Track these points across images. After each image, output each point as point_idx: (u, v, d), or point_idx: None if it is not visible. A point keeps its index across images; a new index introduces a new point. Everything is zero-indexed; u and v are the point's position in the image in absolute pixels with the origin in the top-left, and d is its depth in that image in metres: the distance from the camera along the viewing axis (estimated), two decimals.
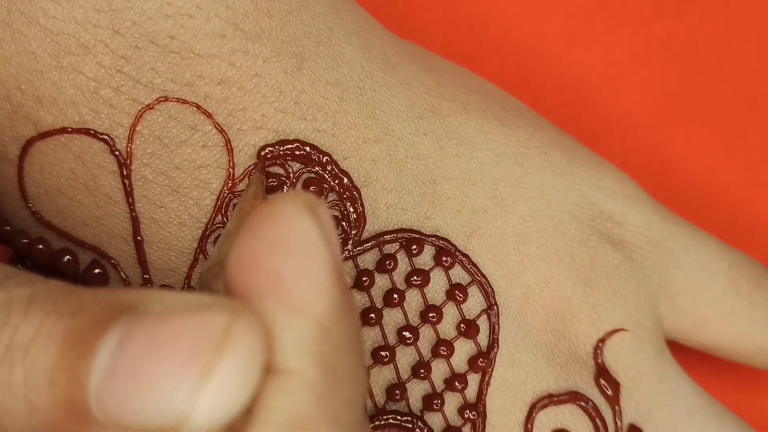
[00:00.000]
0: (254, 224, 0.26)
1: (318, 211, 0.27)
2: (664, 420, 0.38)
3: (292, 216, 0.26)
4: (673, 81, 0.46)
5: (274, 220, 0.26)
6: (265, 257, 0.26)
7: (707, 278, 0.40)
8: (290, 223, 0.26)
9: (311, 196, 0.27)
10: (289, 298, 0.26)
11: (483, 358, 0.36)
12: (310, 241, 0.26)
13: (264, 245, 0.26)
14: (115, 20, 0.33)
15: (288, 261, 0.26)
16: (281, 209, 0.26)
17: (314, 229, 0.26)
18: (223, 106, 0.34)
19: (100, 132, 0.33)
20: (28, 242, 0.35)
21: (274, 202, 0.27)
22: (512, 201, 0.37)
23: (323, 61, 0.35)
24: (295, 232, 0.26)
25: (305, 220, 0.26)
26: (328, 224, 0.27)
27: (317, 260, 0.26)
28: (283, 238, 0.26)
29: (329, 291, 0.26)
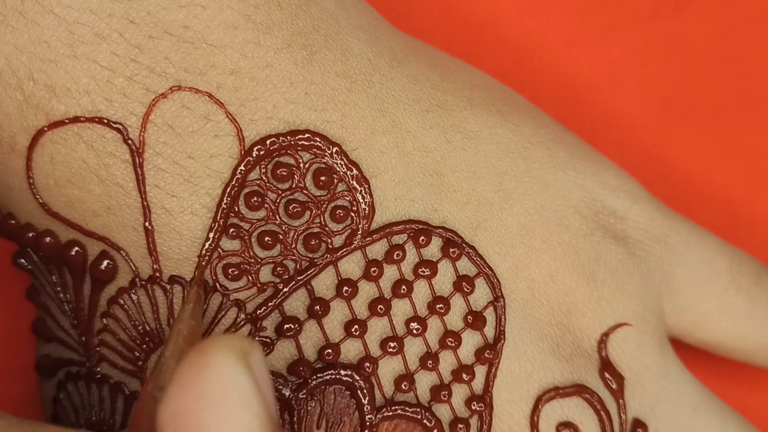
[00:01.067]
0: (186, 375, 0.27)
1: (251, 359, 0.27)
2: (668, 415, 0.38)
3: (224, 366, 0.27)
4: (671, 81, 0.46)
5: (206, 371, 0.27)
6: (197, 413, 0.26)
7: (708, 275, 0.40)
8: (221, 374, 0.27)
9: (244, 341, 0.28)
10: None
11: (490, 349, 0.36)
12: (243, 396, 0.27)
13: (196, 400, 0.26)
14: (130, 10, 0.33)
15: (219, 415, 0.26)
16: (214, 359, 0.27)
17: (247, 382, 0.27)
18: (235, 96, 0.34)
19: (113, 121, 0.33)
20: (35, 235, 0.35)
21: (206, 349, 0.27)
22: (517, 194, 0.37)
23: (332, 54, 0.35)
24: (226, 384, 0.27)
25: (238, 372, 0.27)
26: (262, 372, 0.28)
27: (249, 414, 0.27)
28: (212, 392, 0.26)
29: None
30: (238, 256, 0.34)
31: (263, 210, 0.34)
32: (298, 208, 0.34)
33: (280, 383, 0.34)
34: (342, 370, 0.35)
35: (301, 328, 0.34)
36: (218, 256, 0.34)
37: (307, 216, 0.35)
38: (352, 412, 0.35)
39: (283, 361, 0.35)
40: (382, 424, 0.35)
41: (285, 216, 0.34)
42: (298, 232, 0.35)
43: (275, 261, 0.34)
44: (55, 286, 0.35)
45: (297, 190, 0.34)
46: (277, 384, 0.34)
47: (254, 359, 0.27)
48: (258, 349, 0.28)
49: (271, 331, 0.34)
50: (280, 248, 0.34)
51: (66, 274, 0.35)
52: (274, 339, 0.34)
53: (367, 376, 0.35)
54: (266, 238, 0.34)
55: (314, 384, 0.34)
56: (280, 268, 0.34)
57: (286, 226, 0.34)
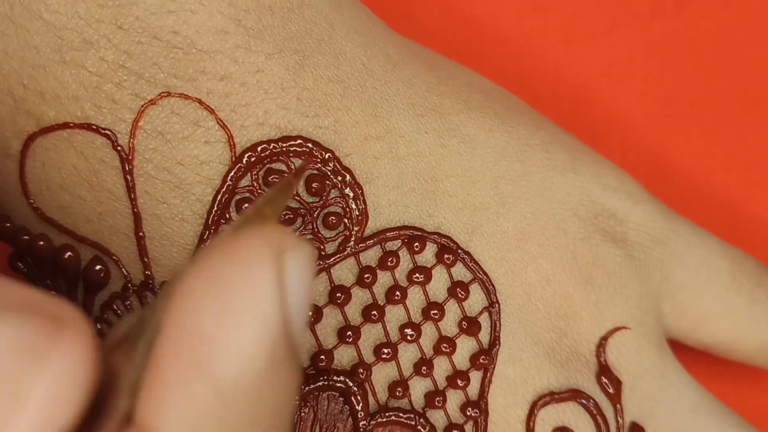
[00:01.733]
0: (206, 255, 0.23)
1: (290, 257, 0.23)
2: (667, 417, 0.38)
3: (249, 257, 0.23)
4: (672, 80, 0.46)
5: (227, 255, 0.23)
6: (196, 295, 0.23)
7: (708, 276, 0.40)
8: (242, 265, 0.23)
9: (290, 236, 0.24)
10: (197, 352, 0.23)
11: (485, 355, 0.36)
12: (255, 293, 0.23)
13: (202, 281, 0.23)
14: (119, 15, 0.33)
15: (217, 308, 0.23)
16: (241, 245, 0.23)
17: (268, 281, 0.23)
18: (226, 102, 0.34)
19: (102, 127, 0.33)
20: (29, 239, 0.35)
21: (241, 233, 0.24)
22: (514, 199, 0.37)
23: (325, 59, 0.35)
24: (242, 277, 0.23)
25: (262, 265, 0.23)
26: (300, 274, 0.24)
27: (252, 318, 0.23)
28: (225, 281, 0.23)
29: (251, 358, 0.23)
30: None
31: None
32: (290, 215, 0.34)
33: None
34: (335, 377, 0.34)
35: None
36: None
37: (299, 222, 0.34)
38: (346, 419, 0.35)
39: None
40: (375, 430, 0.35)
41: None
42: None
43: None
44: (49, 290, 0.35)
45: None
46: None
47: (294, 259, 0.23)
48: (305, 252, 0.24)
49: None
50: None
51: (59, 278, 0.35)
52: None
53: (360, 382, 0.35)
54: None
55: (307, 390, 0.34)
56: None
57: None
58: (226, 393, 0.23)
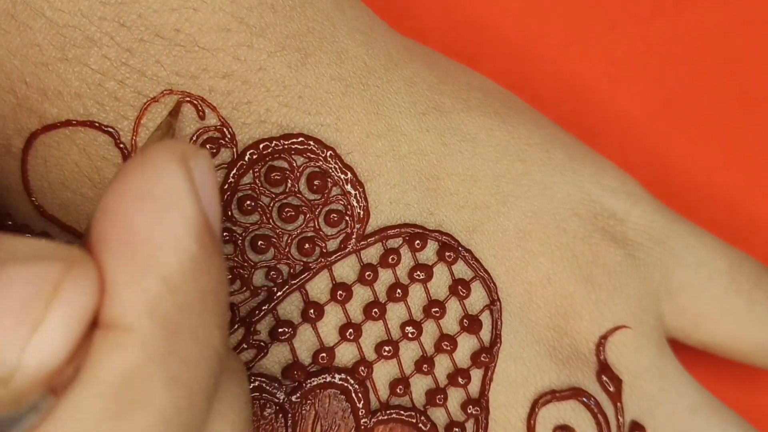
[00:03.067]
0: (123, 173, 0.26)
1: (193, 162, 0.27)
2: (666, 416, 0.38)
3: (161, 167, 0.26)
4: (672, 81, 0.46)
5: (140, 169, 0.26)
6: (124, 208, 0.26)
7: (708, 276, 0.40)
8: (156, 174, 0.26)
9: (189, 145, 0.27)
10: (139, 252, 0.26)
11: (486, 353, 0.36)
12: (174, 194, 0.26)
13: (126, 196, 0.26)
14: (121, 13, 0.33)
15: (144, 214, 0.26)
16: (151, 158, 0.26)
17: (181, 181, 0.26)
18: (228, 100, 0.34)
19: (104, 124, 0.33)
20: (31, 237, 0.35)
21: (147, 150, 0.27)
22: (514, 197, 0.37)
23: (327, 57, 0.35)
24: (159, 184, 0.26)
25: (173, 171, 0.26)
26: (205, 178, 0.27)
27: (177, 214, 0.26)
28: (144, 190, 0.26)
29: (184, 248, 0.26)
30: (231, 260, 0.34)
31: (256, 214, 0.34)
32: (291, 212, 0.34)
33: (275, 387, 0.34)
34: (336, 374, 0.35)
35: (295, 332, 0.34)
36: None
37: (300, 220, 0.34)
38: (347, 416, 0.35)
39: (277, 365, 0.34)
40: (377, 428, 0.35)
41: (278, 220, 0.34)
42: (292, 236, 0.34)
43: (269, 265, 0.34)
44: None
45: (291, 194, 0.34)
46: (272, 387, 0.34)
47: (198, 164, 0.27)
48: (204, 157, 0.27)
49: (265, 334, 0.34)
50: (274, 252, 0.34)
51: None
52: (268, 343, 0.34)
53: (361, 379, 0.35)
54: (259, 242, 0.34)
55: (309, 388, 0.34)
56: (274, 272, 0.34)
57: (280, 230, 0.34)
58: (172, 280, 0.26)
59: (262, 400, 0.34)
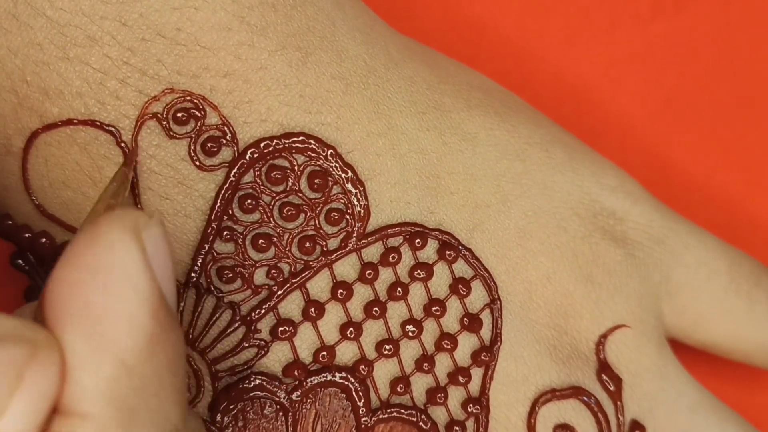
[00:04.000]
0: (76, 245, 0.26)
1: (146, 234, 0.27)
2: (666, 416, 0.38)
3: (114, 241, 0.26)
4: (672, 81, 0.46)
5: (93, 244, 0.26)
6: (77, 285, 0.26)
7: (707, 276, 0.40)
8: (109, 249, 0.26)
9: (141, 214, 0.27)
10: (94, 332, 0.26)
11: (486, 352, 0.36)
12: (127, 271, 0.26)
13: (78, 272, 0.26)
14: (122, 12, 0.33)
15: (98, 291, 0.26)
16: (103, 232, 0.26)
17: (134, 256, 0.26)
18: (229, 99, 0.34)
19: (106, 123, 0.33)
20: (31, 236, 0.35)
21: (100, 223, 0.27)
22: (515, 196, 0.37)
23: (327, 56, 0.35)
24: (111, 259, 0.26)
25: (127, 246, 0.26)
26: (158, 249, 0.27)
27: (131, 291, 0.26)
28: (98, 266, 0.26)
29: (140, 326, 0.26)
30: (232, 259, 0.34)
31: (257, 213, 0.34)
32: (292, 211, 0.34)
33: (276, 385, 0.34)
34: (337, 373, 0.35)
35: (295, 331, 0.34)
36: (212, 259, 0.34)
37: (301, 219, 0.34)
38: (348, 415, 0.35)
39: (278, 364, 0.34)
40: (377, 427, 0.35)
41: (279, 219, 0.34)
42: (293, 235, 0.34)
43: (270, 263, 0.34)
44: None
45: (291, 192, 0.34)
46: (272, 386, 0.34)
47: (149, 235, 0.27)
48: (156, 225, 0.27)
49: (266, 333, 0.34)
50: (275, 251, 0.34)
51: None
52: (269, 341, 0.34)
53: (362, 378, 0.35)
54: (260, 241, 0.34)
55: (309, 386, 0.34)
56: (275, 271, 0.34)
57: (281, 228, 0.34)
58: (128, 360, 0.26)
59: (262, 398, 0.34)
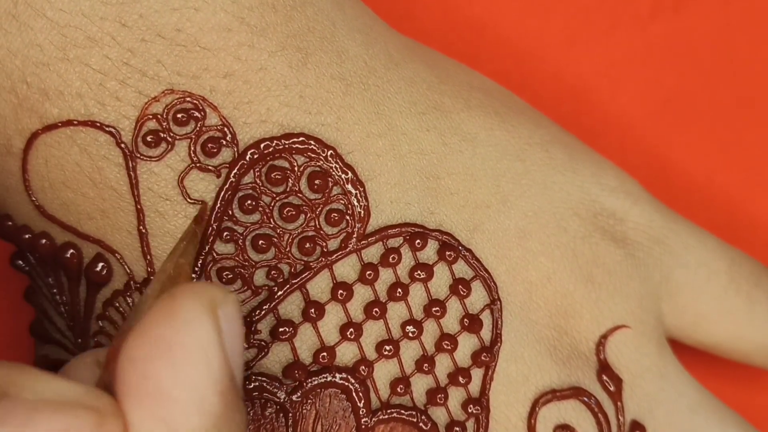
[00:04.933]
0: (150, 319, 0.26)
1: (221, 311, 0.27)
2: (666, 416, 0.38)
3: (189, 318, 0.26)
4: (672, 81, 0.46)
5: (170, 319, 0.26)
6: (150, 360, 0.26)
7: (707, 276, 0.40)
8: (185, 326, 0.26)
9: (218, 291, 0.27)
10: (164, 411, 0.26)
11: (486, 352, 0.36)
12: (200, 349, 0.26)
13: (153, 347, 0.26)
14: (122, 13, 0.33)
15: (170, 368, 0.26)
16: (180, 307, 0.26)
17: (210, 336, 0.26)
18: (229, 99, 0.34)
19: (106, 124, 0.33)
20: (31, 237, 0.35)
21: (177, 296, 0.27)
22: (515, 197, 0.37)
23: (327, 56, 0.35)
24: (187, 337, 0.26)
25: (203, 324, 0.26)
26: (232, 327, 0.27)
27: (203, 370, 0.26)
28: (173, 343, 0.26)
29: (209, 405, 0.26)
30: (232, 260, 0.34)
31: (257, 213, 0.34)
32: (292, 212, 0.34)
33: (276, 386, 0.34)
34: (337, 373, 0.35)
35: (296, 332, 0.34)
36: (212, 260, 0.34)
37: (301, 219, 0.34)
38: (348, 415, 0.35)
39: (278, 364, 0.34)
40: (377, 427, 0.35)
41: (279, 219, 0.34)
42: (293, 236, 0.34)
43: (270, 264, 0.34)
44: (51, 287, 0.35)
45: (291, 193, 0.34)
46: (272, 387, 0.34)
47: (225, 312, 0.27)
48: (231, 301, 0.27)
49: (266, 334, 0.34)
50: (275, 251, 0.34)
51: (62, 276, 0.35)
52: (269, 342, 0.34)
53: (362, 379, 0.35)
54: (260, 242, 0.34)
55: (309, 387, 0.34)
56: (275, 272, 0.34)
57: (281, 229, 0.34)
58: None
59: (262, 399, 0.34)
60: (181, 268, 0.31)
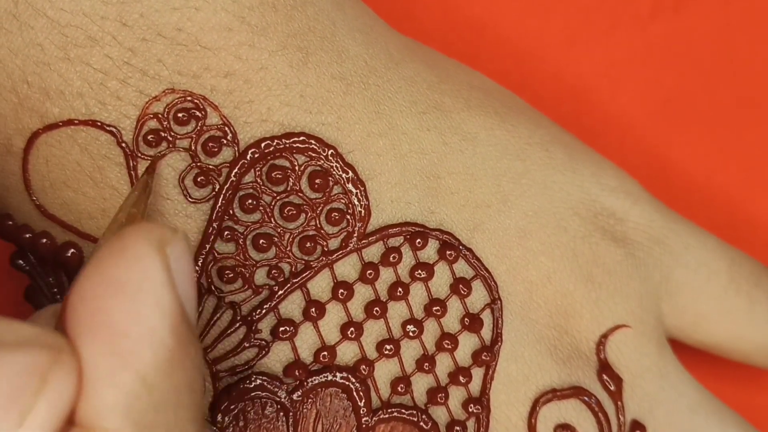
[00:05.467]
0: (99, 259, 0.26)
1: (170, 249, 0.27)
2: (666, 416, 0.38)
3: (138, 256, 0.26)
4: (672, 81, 0.46)
5: (118, 258, 0.26)
6: (101, 298, 0.26)
7: (707, 276, 0.40)
8: (134, 263, 0.26)
9: (166, 229, 0.27)
10: (117, 346, 0.26)
11: (487, 352, 0.36)
12: (151, 285, 0.26)
13: (103, 285, 0.26)
14: (123, 12, 0.33)
15: (122, 306, 0.26)
16: (129, 246, 0.26)
17: (159, 272, 0.26)
18: (229, 99, 0.34)
19: (106, 123, 0.33)
20: (32, 236, 0.35)
21: (124, 236, 0.27)
22: (515, 196, 0.37)
23: (328, 56, 0.35)
24: (136, 274, 0.26)
25: (152, 261, 0.26)
26: (181, 264, 0.27)
27: (154, 307, 0.26)
28: (122, 280, 0.26)
29: (161, 342, 0.26)
30: (232, 259, 0.34)
31: (258, 213, 0.34)
32: (293, 211, 0.34)
33: (276, 385, 0.34)
34: (338, 373, 0.35)
35: (296, 331, 0.34)
36: (213, 259, 0.34)
37: (302, 219, 0.34)
38: (348, 415, 0.35)
39: (279, 364, 0.34)
40: (378, 427, 0.35)
41: (280, 219, 0.34)
42: (294, 235, 0.34)
43: (270, 263, 0.34)
44: (51, 287, 0.35)
45: (292, 192, 0.34)
46: (273, 386, 0.34)
47: (174, 250, 0.27)
48: (180, 240, 0.27)
49: (267, 333, 0.34)
50: (275, 251, 0.34)
51: (62, 275, 0.35)
52: (269, 341, 0.34)
53: (363, 378, 0.35)
54: (261, 241, 0.34)
55: (310, 386, 0.34)
56: (276, 271, 0.34)
57: (282, 228, 0.34)
58: (148, 377, 0.26)
59: (263, 399, 0.34)
60: (133, 218, 0.31)
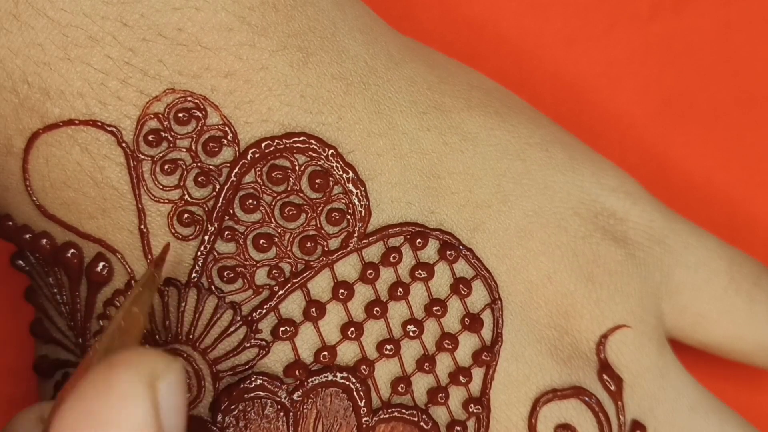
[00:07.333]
0: (85, 390, 0.25)
1: (162, 384, 0.26)
2: (666, 416, 0.38)
3: (124, 395, 0.25)
4: (671, 81, 0.46)
5: (104, 392, 0.25)
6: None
7: (707, 276, 0.40)
8: (118, 402, 0.25)
9: (160, 361, 0.26)
10: None
11: (487, 352, 0.36)
12: (135, 428, 0.25)
13: (84, 422, 0.25)
14: (123, 12, 0.33)
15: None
16: (115, 384, 0.26)
17: (144, 413, 0.25)
18: (230, 99, 0.34)
19: (107, 123, 0.33)
20: (32, 237, 0.35)
21: (113, 368, 0.26)
22: (515, 196, 0.37)
23: (328, 56, 0.35)
24: (120, 415, 0.25)
25: (138, 400, 0.25)
26: (173, 399, 0.26)
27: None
28: (105, 420, 0.25)
29: None
30: (233, 259, 0.34)
31: (258, 213, 0.34)
32: (293, 211, 0.34)
33: (277, 385, 0.34)
34: (338, 373, 0.35)
35: (297, 331, 0.34)
36: (213, 259, 0.34)
37: (302, 218, 0.34)
38: (349, 415, 0.35)
39: (279, 364, 0.34)
40: (378, 427, 0.35)
41: (280, 218, 0.34)
42: (294, 235, 0.34)
43: (271, 263, 0.34)
44: (51, 287, 0.35)
45: (292, 192, 0.34)
46: (273, 386, 0.34)
47: (165, 385, 0.26)
48: (174, 372, 0.26)
49: (267, 333, 0.34)
50: (276, 251, 0.34)
51: (62, 275, 0.35)
52: (270, 341, 0.34)
53: (363, 378, 0.35)
54: (261, 241, 0.34)
55: (310, 386, 0.34)
56: (276, 271, 0.34)
57: (282, 228, 0.34)
58: None
59: (263, 398, 0.34)
60: (134, 319, 0.30)
